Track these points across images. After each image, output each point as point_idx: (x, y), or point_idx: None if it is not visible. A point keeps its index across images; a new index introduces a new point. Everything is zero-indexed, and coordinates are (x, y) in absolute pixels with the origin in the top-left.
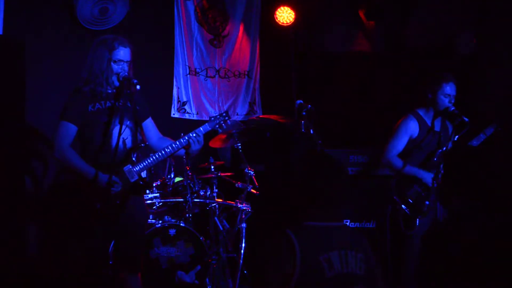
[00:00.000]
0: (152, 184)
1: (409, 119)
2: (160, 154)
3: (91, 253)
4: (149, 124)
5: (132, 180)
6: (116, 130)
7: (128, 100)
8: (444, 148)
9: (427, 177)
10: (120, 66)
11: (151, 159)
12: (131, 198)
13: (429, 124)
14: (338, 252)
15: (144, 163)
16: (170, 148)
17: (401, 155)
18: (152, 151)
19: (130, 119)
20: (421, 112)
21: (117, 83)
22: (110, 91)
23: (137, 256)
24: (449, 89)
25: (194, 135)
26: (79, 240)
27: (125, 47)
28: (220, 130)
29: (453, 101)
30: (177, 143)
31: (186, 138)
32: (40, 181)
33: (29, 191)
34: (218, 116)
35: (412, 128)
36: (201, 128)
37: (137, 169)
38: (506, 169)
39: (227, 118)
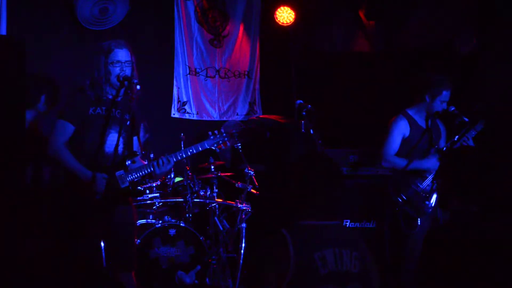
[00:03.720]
0: (139, 192)
1: (399, 119)
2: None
3: (89, 253)
4: (135, 141)
5: (123, 186)
6: (110, 136)
7: (126, 111)
8: (437, 146)
9: (431, 164)
10: (118, 67)
11: (145, 170)
12: (118, 209)
13: (420, 123)
14: (333, 250)
15: (138, 172)
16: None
17: (401, 157)
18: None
19: (126, 130)
20: (411, 112)
21: (118, 83)
22: (110, 96)
23: (129, 255)
24: (447, 95)
25: (191, 150)
26: (77, 239)
27: (121, 48)
28: (218, 150)
29: (445, 107)
30: (178, 155)
31: (180, 155)
32: (40, 180)
33: (29, 191)
34: (218, 136)
35: (403, 127)
36: (199, 146)
37: (129, 176)
38: (505, 169)
39: (226, 139)
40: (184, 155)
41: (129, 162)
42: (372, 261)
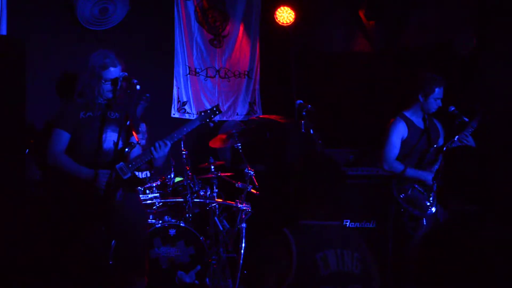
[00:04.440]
0: (146, 181)
1: (397, 122)
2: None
3: (91, 252)
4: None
5: (125, 177)
6: (106, 137)
7: (122, 111)
8: (436, 146)
9: (429, 177)
10: (110, 84)
11: (147, 154)
12: (126, 197)
13: (417, 124)
14: (334, 251)
15: (138, 160)
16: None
17: (399, 158)
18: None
19: (122, 128)
20: (407, 114)
21: (110, 96)
22: (101, 102)
23: (141, 257)
24: (439, 92)
25: (185, 129)
26: (79, 239)
27: (115, 66)
28: (212, 124)
29: (440, 104)
30: (174, 136)
31: (176, 135)
32: (40, 180)
33: (29, 191)
34: (208, 111)
35: (401, 130)
36: (192, 124)
37: (130, 166)
38: (506, 169)
39: (217, 112)
40: (179, 136)
41: (126, 150)
42: (373, 262)
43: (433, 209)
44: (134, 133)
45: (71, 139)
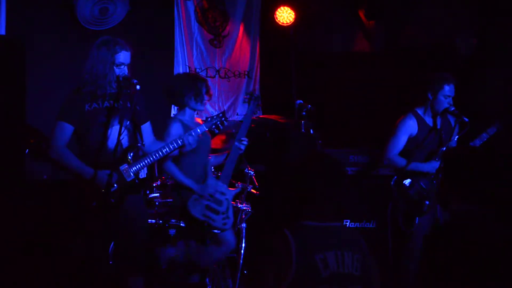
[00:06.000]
0: (148, 183)
1: (408, 118)
2: (157, 154)
3: (90, 252)
4: (147, 129)
5: (129, 179)
6: (113, 130)
7: (127, 100)
8: (445, 148)
9: (431, 167)
10: (121, 69)
11: (148, 159)
12: (128, 198)
13: (428, 122)
14: (335, 252)
15: (141, 163)
16: (166, 148)
17: (403, 155)
18: (144, 153)
19: (129, 119)
20: (419, 111)
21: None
22: (108, 92)
23: (140, 258)
24: (450, 90)
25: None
26: (77, 239)
27: (127, 50)
28: (217, 131)
29: (451, 102)
30: (174, 143)
31: (181, 139)
32: (39, 180)
33: (29, 190)
34: (215, 117)
35: (411, 126)
36: (198, 129)
37: (133, 169)
38: (506, 169)
39: (223, 119)
40: (183, 140)
41: (131, 155)
42: (373, 264)
43: (428, 208)
44: (140, 131)
45: (75, 133)
